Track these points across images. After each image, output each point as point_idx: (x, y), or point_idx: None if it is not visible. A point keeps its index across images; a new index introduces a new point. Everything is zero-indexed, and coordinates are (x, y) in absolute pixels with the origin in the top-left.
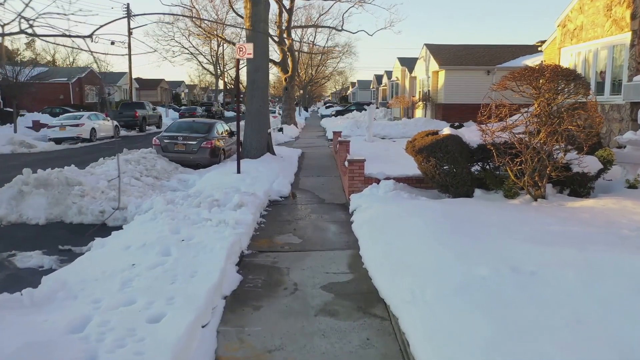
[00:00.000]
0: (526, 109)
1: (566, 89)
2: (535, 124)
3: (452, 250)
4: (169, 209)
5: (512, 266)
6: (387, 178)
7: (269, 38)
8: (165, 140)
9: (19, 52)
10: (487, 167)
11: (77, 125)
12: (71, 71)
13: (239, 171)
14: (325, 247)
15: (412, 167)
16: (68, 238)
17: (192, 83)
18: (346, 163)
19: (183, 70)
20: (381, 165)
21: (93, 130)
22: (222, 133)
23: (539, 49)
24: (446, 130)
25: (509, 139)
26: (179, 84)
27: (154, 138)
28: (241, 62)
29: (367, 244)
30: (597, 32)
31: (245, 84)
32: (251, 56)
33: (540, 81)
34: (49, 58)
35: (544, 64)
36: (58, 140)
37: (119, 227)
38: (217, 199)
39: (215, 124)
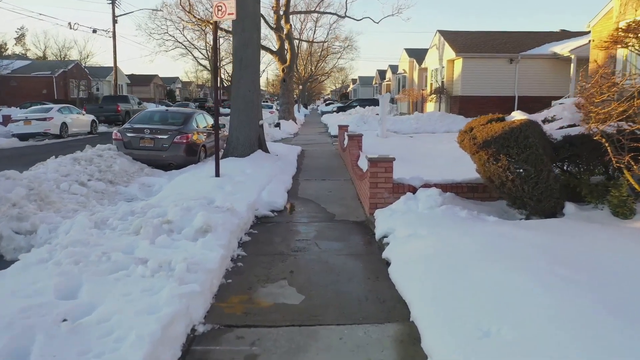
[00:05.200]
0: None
1: None
2: None
3: None
4: (82, 241)
5: None
6: (426, 185)
7: (265, 23)
8: (129, 134)
9: (6, 47)
10: (578, 169)
11: (44, 119)
12: (55, 65)
13: (217, 174)
14: (346, 317)
15: (447, 167)
16: None
17: (188, 80)
18: (365, 163)
19: (179, 66)
20: (406, 166)
21: (64, 125)
22: (203, 126)
23: (587, 26)
24: (517, 114)
25: (619, 126)
26: (173, 80)
27: (115, 131)
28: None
29: (436, 324)
30: None
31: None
32: (233, 16)
33: None
34: (39, 53)
35: None
36: (23, 137)
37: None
38: (170, 219)
39: (193, 114)
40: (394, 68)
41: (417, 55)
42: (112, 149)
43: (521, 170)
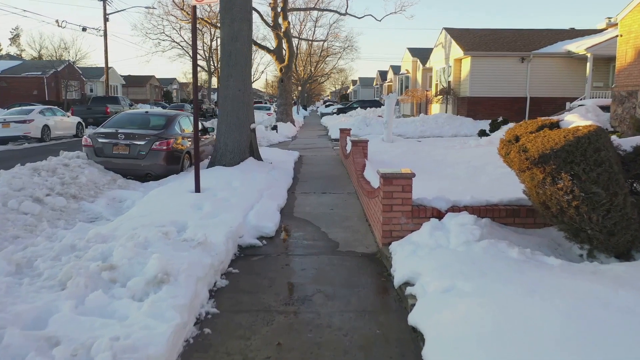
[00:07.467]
0: None
1: None
2: None
3: None
4: None
5: None
6: (454, 207)
7: (262, 21)
8: (101, 140)
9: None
10: None
11: (24, 122)
12: (46, 65)
13: (197, 189)
14: None
15: (470, 179)
16: None
17: (186, 81)
18: (372, 174)
19: (176, 68)
20: (422, 178)
21: (46, 127)
22: (189, 130)
23: (612, 18)
24: (573, 118)
25: None
26: (170, 81)
27: (85, 137)
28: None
29: None
30: None
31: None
32: (216, 0)
33: None
34: (35, 54)
35: None
36: (1, 140)
37: None
38: (115, 264)
39: (177, 117)
40: (395, 68)
41: (421, 54)
42: (80, 156)
43: (583, 194)
